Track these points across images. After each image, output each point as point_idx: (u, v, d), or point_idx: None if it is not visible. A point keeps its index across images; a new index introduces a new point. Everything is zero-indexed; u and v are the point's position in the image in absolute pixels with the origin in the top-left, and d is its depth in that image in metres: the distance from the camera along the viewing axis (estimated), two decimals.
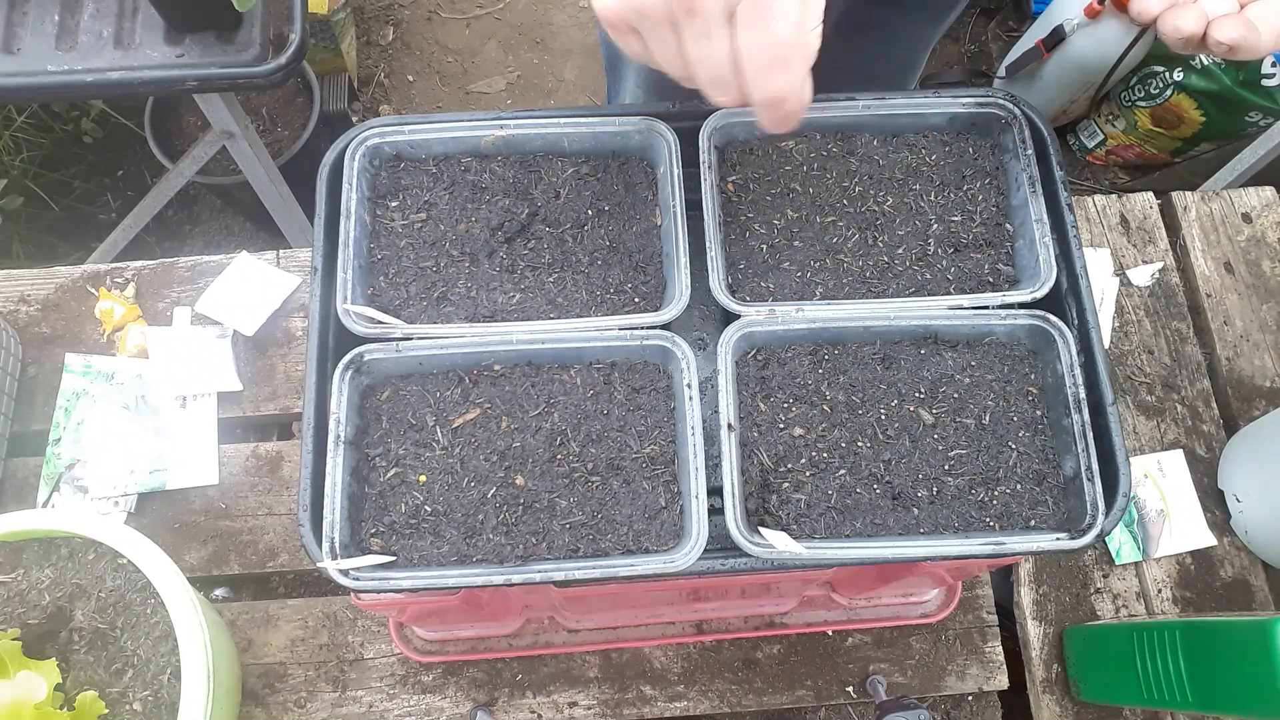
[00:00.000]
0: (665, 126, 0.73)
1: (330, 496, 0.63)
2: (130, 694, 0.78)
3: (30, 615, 0.80)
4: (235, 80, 1.19)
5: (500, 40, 2.40)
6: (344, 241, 0.69)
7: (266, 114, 1.94)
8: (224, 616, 1.00)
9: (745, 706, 0.99)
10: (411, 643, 0.98)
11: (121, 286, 1.13)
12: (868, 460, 0.68)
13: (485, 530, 0.65)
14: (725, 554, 0.65)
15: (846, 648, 1.01)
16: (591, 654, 1.00)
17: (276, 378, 1.10)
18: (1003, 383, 0.70)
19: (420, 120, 0.74)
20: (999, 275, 0.73)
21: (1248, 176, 1.63)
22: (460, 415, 0.69)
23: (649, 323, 0.68)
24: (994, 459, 0.68)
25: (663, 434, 0.68)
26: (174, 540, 1.03)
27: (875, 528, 0.66)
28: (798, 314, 0.69)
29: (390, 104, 2.33)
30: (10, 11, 1.18)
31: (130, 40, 1.18)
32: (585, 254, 0.73)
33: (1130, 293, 1.17)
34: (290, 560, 1.03)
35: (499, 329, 0.69)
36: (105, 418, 1.06)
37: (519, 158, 0.76)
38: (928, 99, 0.76)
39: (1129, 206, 1.21)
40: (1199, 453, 1.09)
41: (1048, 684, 1.00)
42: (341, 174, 0.72)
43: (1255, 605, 1.04)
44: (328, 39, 2.03)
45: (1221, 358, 1.14)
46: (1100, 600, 1.03)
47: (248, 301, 1.11)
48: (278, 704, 0.98)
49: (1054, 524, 0.66)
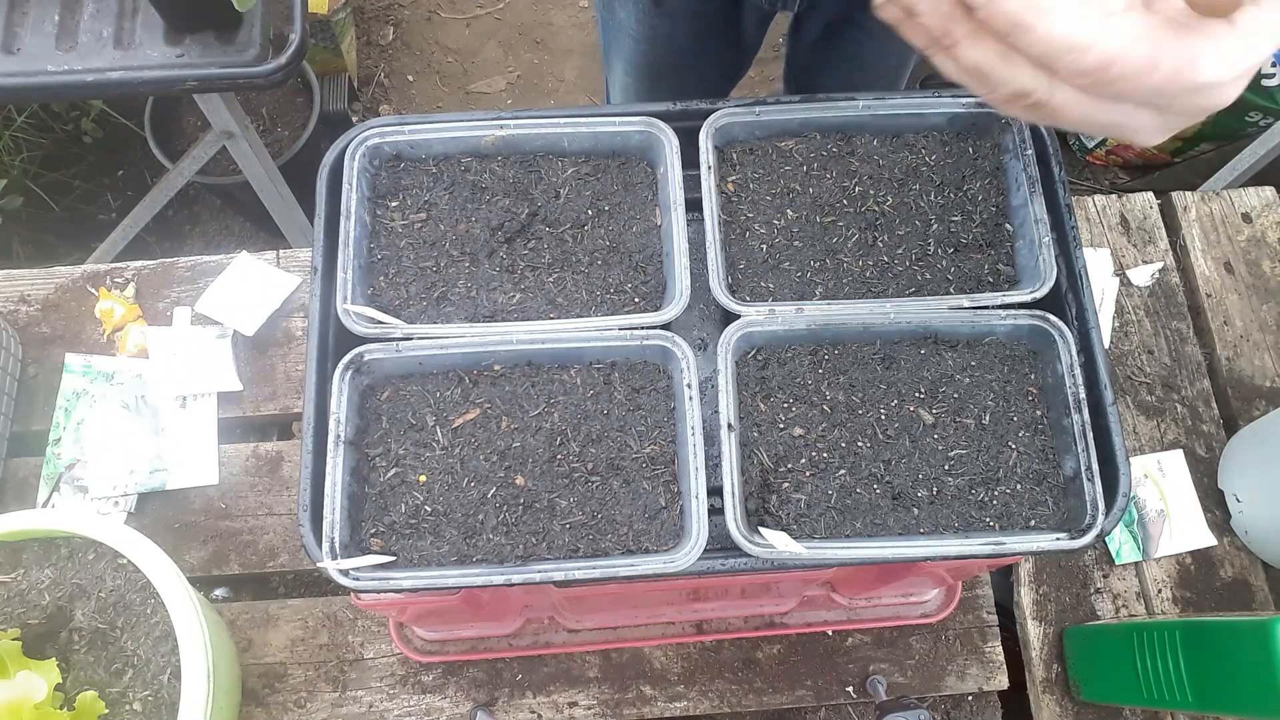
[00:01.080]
0: (665, 126, 0.73)
1: (330, 496, 0.63)
2: (130, 694, 0.78)
3: (30, 615, 0.80)
4: (235, 80, 1.19)
5: (500, 40, 2.40)
6: (344, 241, 0.69)
7: (266, 114, 1.94)
8: (224, 616, 1.00)
9: (745, 706, 0.99)
10: (411, 643, 0.98)
11: (121, 286, 1.13)
12: (868, 460, 0.68)
13: (485, 530, 0.65)
14: (725, 554, 0.65)
15: (846, 648, 1.01)
16: (591, 654, 1.00)
17: (276, 378, 1.10)
18: (1003, 383, 0.70)
19: (420, 120, 0.74)
20: (999, 275, 0.73)
21: (1248, 176, 1.63)
22: (460, 415, 0.69)
23: (649, 323, 0.68)
24: (994, 459, 0.68)
25: (663, 434, 0.68)
26: (174, 540, 1.03)
27: (875, 528, 0.66)
28: (798, 314, 0.69)
29: (390, 104, 2.33)
30: (10, 11, 1.18)
31: (130, 40, 1.18)
32: (585, 254, 0.73)
33: (1130, 293, 1.16)
34: (290, 560, 1.03)
35: (499, 329, 0.69)
36: (105, 418, 1.06)
37: (519, 158, 0.76)
38: (928, 99, 0.76)
39: (1129, 206, 1.21)
40: (1199, 453, 1.09)
41: (1048, 684, 1.00)
42: (341, 174, 0.72)
43: (1255, 605, 1.04)
44: (328, 39, 2.03)
45: (1221, 358, 1.14)
46: (1100, 600, 1.03)
47: (248, 301, 1.11)
48: (278, 704, 0.98)
49: (1054, 524, 0.66)
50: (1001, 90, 0.41)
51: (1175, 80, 0.38)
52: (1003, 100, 0.42)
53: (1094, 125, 0.41)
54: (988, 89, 0.42)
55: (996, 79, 0.41)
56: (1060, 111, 0.41)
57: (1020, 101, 0.41)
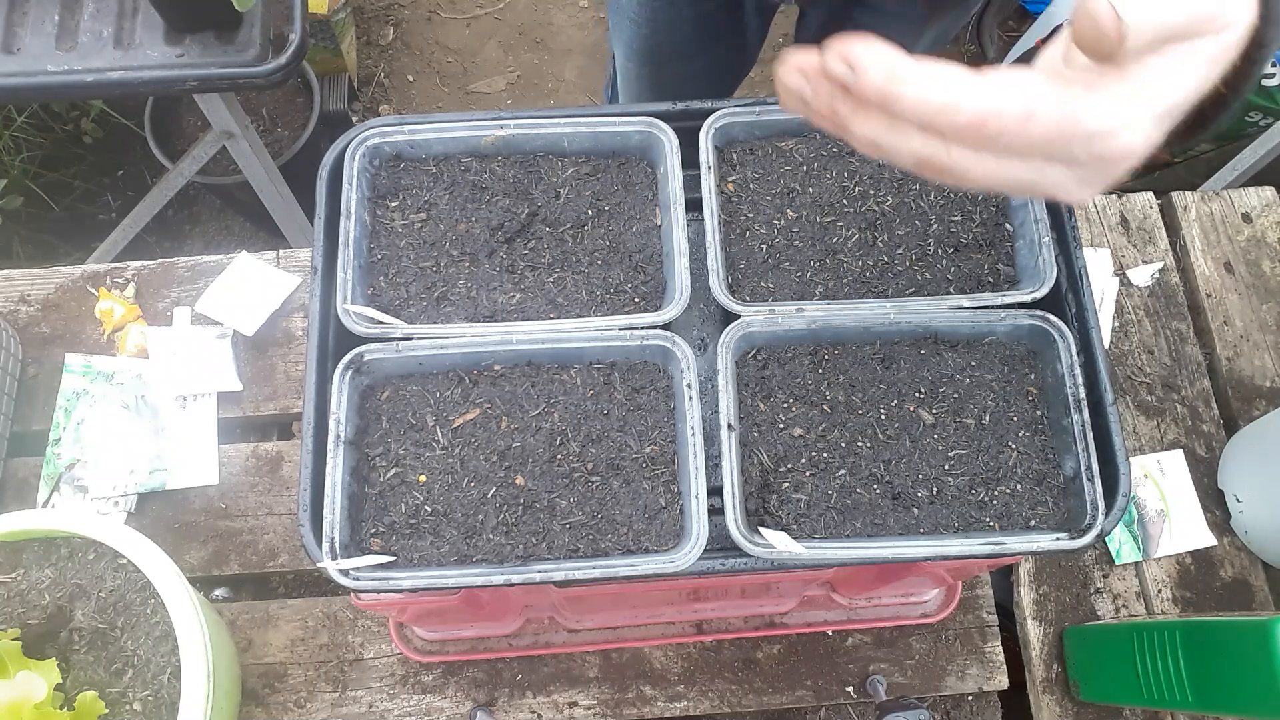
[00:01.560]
0: (665, 126, 0.73)
1: (330, 496, 0.63)
2: (130, 694, 0.78)
3: (30, 615, 0.80)
4: (235, 80, 1.19)
5: (500, 40, 2.40)
6: (344, 241, 0.69)
7: (266, 114, 1.94)
8: (224, 616, 1.00)
9: (745, 706, 0.99)
10: (411, 643, 0.98)
11: (121, 286, 1.13)
12: (868, 460, 0.68)
13: (485, 530, 0.65)
14: (725, 554, 0.65)
15: (846, 648, 1.01)
16: (591, 654, 1.00)
17: (276, 378, 1.10)
18: (1003, 383, 0.70)
19: (420, 120, 0.74)
20: (999, 275, 0.73)
21: (1248, 176, 1.63)
22: (460, 415, 0.69)
23: (649, 323, 0.68)
24: (994, 459, 0.68)
25: (663, 434, 0.68)
26: (174, 540, 1.03)
27: (875, 528, 0.66)
28: (798, 314, 0.69)
29: (390, 104, 2.33)
30: (10, 11, 1.18)
31: (130, 40, 1.18)
32: (585, 254, 0.73)
33: (1130, 293, 1.17)
34: (290, 560, 1.03)
35: (499, 329, 0.69)
36: (105, 418, 1.06)
37: (519, 158, 0.76)
38: None
39: (1129, 206, 1.21)
40: (1199, 453, 1.09)
41: (1048, 684, 1.00)
42: (341, 174, 0.72)
43: (1255, 605, 1.04)
44: (328, 39, 2.03)
45: (1221, 358, 1.14)
46: (1100, 600, 1.03)
47: (248, 301, 1.11)
48: (278, 704, 0.98)
49: (1054, 524, 0.66)
50: (900, 160, 0.42)
51: (1060, 130, 0.39)
52: (912, 168, 0.43)
53: (1007, 184, 0.42)
54: (889, 159, 0.43)
55: (891, 148, 0.42)
56: (967, 173, 0.41)
57: (926, 168, 0.42)
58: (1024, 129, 0.39)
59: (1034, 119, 0.39)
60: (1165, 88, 0.40)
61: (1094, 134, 0.39)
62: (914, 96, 0.39)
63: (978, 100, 0.38)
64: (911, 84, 0.39)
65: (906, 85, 0.39)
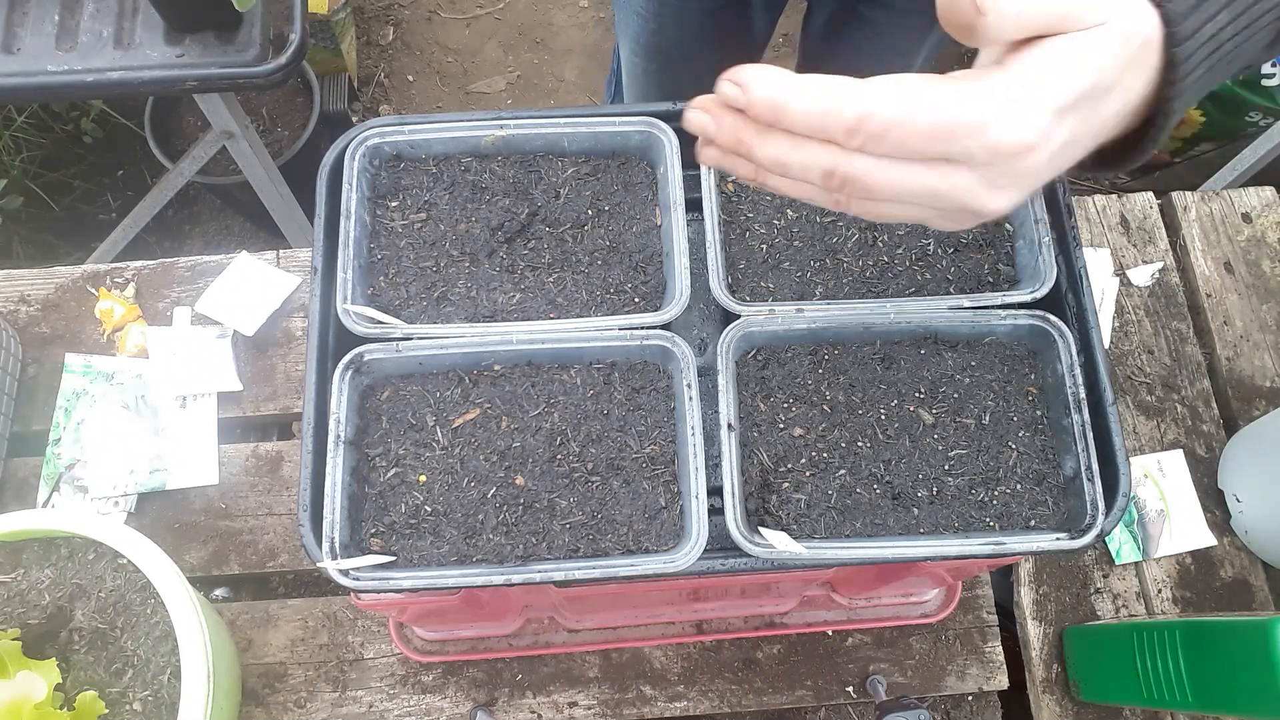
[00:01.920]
0: (665, 126, 0.73)
1: (330, 496, 0.63)
2: (130, 694, 0.78)
3: (30, 615, 0.80)
4: (235, 80, 1.19)
5: (500, 40, 2.40)
6: (344, 241, 0.69)
7: (266, 114, 1.94)
8: (224, 616, 1.00)
9: (745, 706, 0.99)
10: (411, 643, 0.98)
11: (121, 286, 1.13)
12: (868, 460, 0.68)
13: (485, 530, 0.65)
14: (725, 554, 0.65)
15: (846, 648, 1.01)
16: (591, 654, 1.00)
17: (276, 378, 1.10)
18: (1003, 383, 0.70)
19: (420, 120, 0.74)
20: (999, 275, 0.73)
21: (1248, 176, 1.63)
22: (460, 415, 0.69)
23: (649, 323, 0.68)
24: (994, 459, 0.68)
25: (663, 434, 0.68)
26: (174, 540, 1.03)
27: (875, 528, 0.66)
28: (798, 314, 0.69)
29: (390, 104, 2.33)
30: (10, 11, 1.18)
31: (130, 40, 1.18)
32: (585, 254, 0.73)
33: (1130, 293, 1.17)
34: (290, 560, 1.03)
35: (499, 329, 0.69)
36: (105, 418, 1.06)
37: (519, 158, 0.76)
38: None
39: (1129, 206, 1.21)
40: (1199, 453, 1.09)
41: (1048, 684, 1.00)
42: (341, 174, 0.72)
43: (1255, 605, 1.04)
44: (328, 39, 2.03)
45: (1221, 358, 1.14)
46: (1100, 600, 1.03)
47: (248, 301, 1.11)
48: (278, 704, 0.98)
49: (1054, 524, 0.66)
50: (810, 176, 0.43)
51: (942, 121, 0.40)
52: (822, 188, 0.43)
53: (913, 193, 0.42)
54: (800, 179, 0.43)
55: (796, 165, 0.42)
56: (873, 184, 0.42)
57: (835, 182, 0.42)
58: (908, 122, 0.40)
59: (914, 112, 0.40)
60: (1051, 79, 0.40)
61: (977, 125, 0.40)
62: (801, 105, 0.40)
63: (860, 101, 0.40)
64: (797, 93, 0.40)
65: (793, 94, 0.40)
